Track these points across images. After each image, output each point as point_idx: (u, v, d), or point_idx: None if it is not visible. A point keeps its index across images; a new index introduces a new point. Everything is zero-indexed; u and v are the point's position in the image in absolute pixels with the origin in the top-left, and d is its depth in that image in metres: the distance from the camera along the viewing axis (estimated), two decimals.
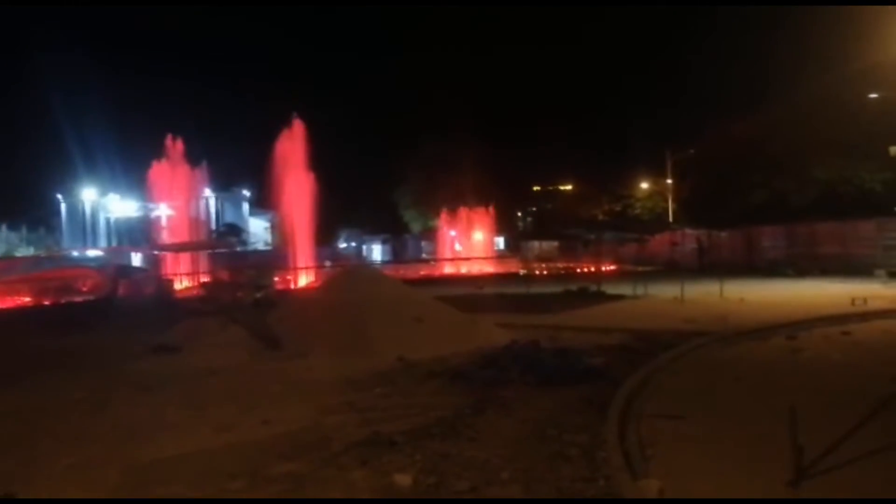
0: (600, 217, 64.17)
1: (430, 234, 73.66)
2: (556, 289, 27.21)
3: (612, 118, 69.83)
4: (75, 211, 67.22)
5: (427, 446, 7.37)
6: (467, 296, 23.53)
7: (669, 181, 56.94)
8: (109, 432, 8.54)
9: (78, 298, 31.96)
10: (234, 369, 12.42)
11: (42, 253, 53.22)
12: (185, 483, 6.59)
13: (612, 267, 43.23)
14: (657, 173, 59.79)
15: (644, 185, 63.49)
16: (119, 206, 68.36)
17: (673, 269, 34.55)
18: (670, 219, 53.45)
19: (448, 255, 61.29)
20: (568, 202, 73.86)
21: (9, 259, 41.32)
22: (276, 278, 35.30)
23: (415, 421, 8.43)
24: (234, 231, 68.59)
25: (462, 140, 61.84)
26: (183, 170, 51.37)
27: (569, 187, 78.14)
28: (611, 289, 25.74)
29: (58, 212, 67.65)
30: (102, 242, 65.09)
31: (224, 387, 11.10)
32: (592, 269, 40.71)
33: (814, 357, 12.38)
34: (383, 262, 59.74)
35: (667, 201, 57.53)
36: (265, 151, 43.14)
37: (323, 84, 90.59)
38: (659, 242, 45.51)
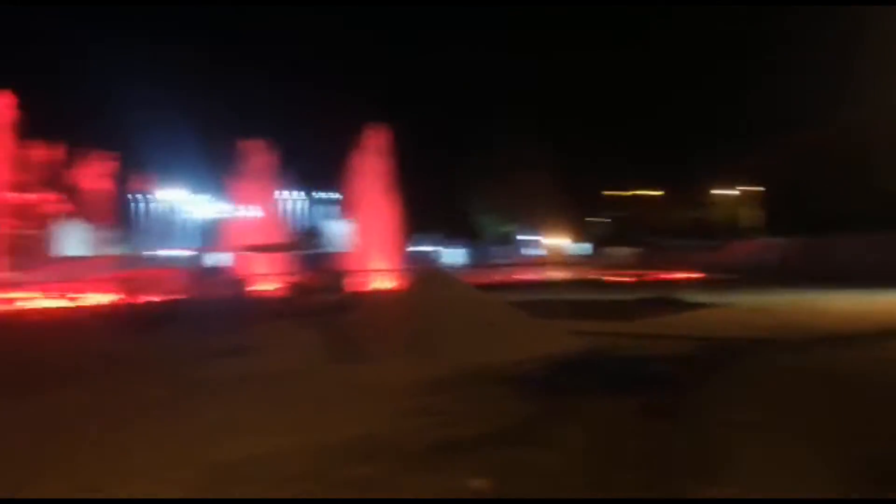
0: (678, 224, 63.02)
1: (504, 238, 73.58)
2: (631, 296, 26.85)
3: (692, 124, 68.58)
4: (160, 211, 69.38)
5: (501, 451, 7.35)
6: (541, 301, 23.37)
7: (750, 187, 55.71)
8: (187, 431, 8.71)
9: (161, 297, 32.95)
10: (310, 371, 12.60)
11: (128, 252, 54.96)
12: (260, 484, 6.69)
13: (690, 275, 42.41)
14: (737, 179, 58.57)
15: (724, 192, 62.26)
16: (202, 207, 70.35)
17: (753, 278, 33.71)
18: (750, 226, 52.24)
19: (522, 259, 61.10)
20: (645, 208, 72.85)
21: (95, 258, 42.87)
22: (353, 281, 35.73)
23: (488, 426, 8.42)
24: (314, 233, 69.90)
25: (538, 145, 61.59)
26: (265, 172, 52.48)
27: (649, 193, 77.06)
28: (688, 297, 25.25)
29: (143, 212, 69.91)
30: (188, 243, 66.95)
31: (299, 388, 11.26)
32: (669, 276, 39.99)
33: None
34: (458, 267, 59.84)
35: (747, 208, 56.27)
36: (346, 154, 43.88)
37: (402, 88, 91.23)
38: (739, 250, 44.52)
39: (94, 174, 40.76)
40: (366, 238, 44.43)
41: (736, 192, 59.64)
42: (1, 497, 6.19)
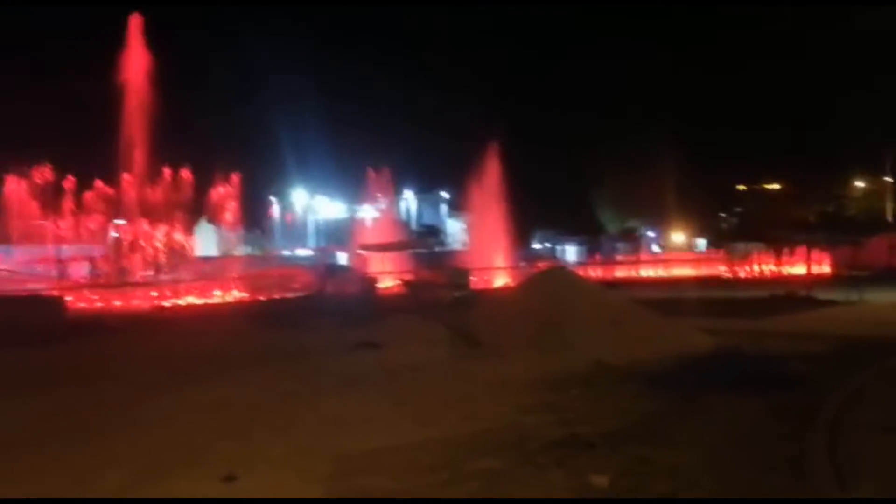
0: (810, 218, 60.33)
1: (626, 234, 72.28)
2: (761, 293, 25.97)
3: (822, 114, 65.38)
4: (287, 212, 71.69)
5: (625, 449, 7.28)
6: (666, 299, 22.87)
7: (889, 179, 52.75)
8: (318, 423, 8.99)
9: (289, 295, 34.13)
10: (435, 366, 12.77)
11: (257, 253, 57.04)
12: (389, 475, 6.85)
13: (824, 271, 40.61)
14: (874, 171, 55.55)
15: (859, 184, 59.16)
16: (326, 208, 72.28)
17: (892, 274, 31.92)
18: (889, 220, 49.49)
19: (645, 256, 59.96)
20: (775, 202, 70.02)
21: (228, 258, 44.76)
22: (473, 278, 36.00)
23: (612, 423, 8.35)
24: (433, 232, 70.84)
25: (661, 138, 60.20)
26: (385, 174, 53.56)
27: (776, 187, 74.05)
28: (822, 294, 24.21)
29: (271, 213, 72.33)
30: (311, 242, 68.97)
31: (425, 382, 11.43)
32: (801, 272, 38.44)
33: None
34: (578, 264, 59.27)
35: (885, 201, 53.30)
36: (462, 153, 44.27)
37: (519, 82, 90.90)
38: (876, 245, 42.26)
39: (224, 188, 42.65)
40: (484, 235, 44.69)
41: (873, 185, 56.56)
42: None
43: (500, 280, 39.40)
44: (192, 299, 33.49)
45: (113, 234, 39.30)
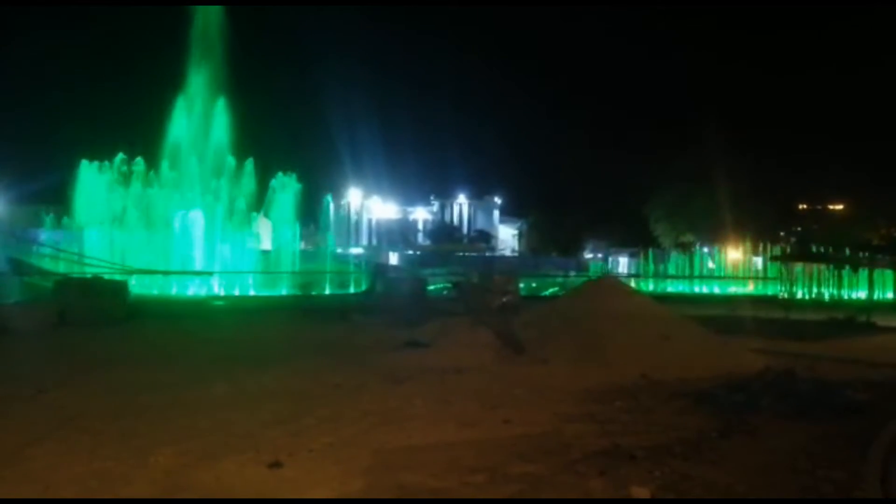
0: (875, 241, 58.83)
1: (680, 249, 71.32)
2: (819, 316, 25.36)
3: (890, 133, 63.78)
4: (342, 211, 72.43)
5: (667, 464, 7.20)
6: (718, 317, 22.52)
7: None
8: (363, 417, 9.13)
9: (340, 292, 34.51)
10: (479, 369, 12.81)
11: (310, 249, 57.80)
12: (429, 472, 6.90)
13: (887, 296, 39.59)
14: None
15: None
16: (380, 208, 72.91)
17: None
18: None
19: (699, 272, 59.15)
20: (838, 223, 68.45)
21: (282, 252, 45.48)
22: (521, 285, 35.89)
23: (656, 438, 8.25)
24: (484, 237, 70.96)
25: (721, 152, 59.26)
26: (438, 178, 53.85)
27: (839, 208, 72.41)
28: (883, 320, 23.55)
29: (326, 211, 73.15)
30: (364, 241, 69.65)
31: (469, 385, 11.49)
32: (863, 297, 37.52)
33: None
34: (629, 276, 58.74)
35: None
36: (517, 160, 44.30)
37: (576, 90, 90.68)
38: None
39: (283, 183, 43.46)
40: (536, 243, 44.60)
41: None
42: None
43: (551, 288, 39.27)
44: (245, 291, 34.10)
45: (175, 223, 40.16)
